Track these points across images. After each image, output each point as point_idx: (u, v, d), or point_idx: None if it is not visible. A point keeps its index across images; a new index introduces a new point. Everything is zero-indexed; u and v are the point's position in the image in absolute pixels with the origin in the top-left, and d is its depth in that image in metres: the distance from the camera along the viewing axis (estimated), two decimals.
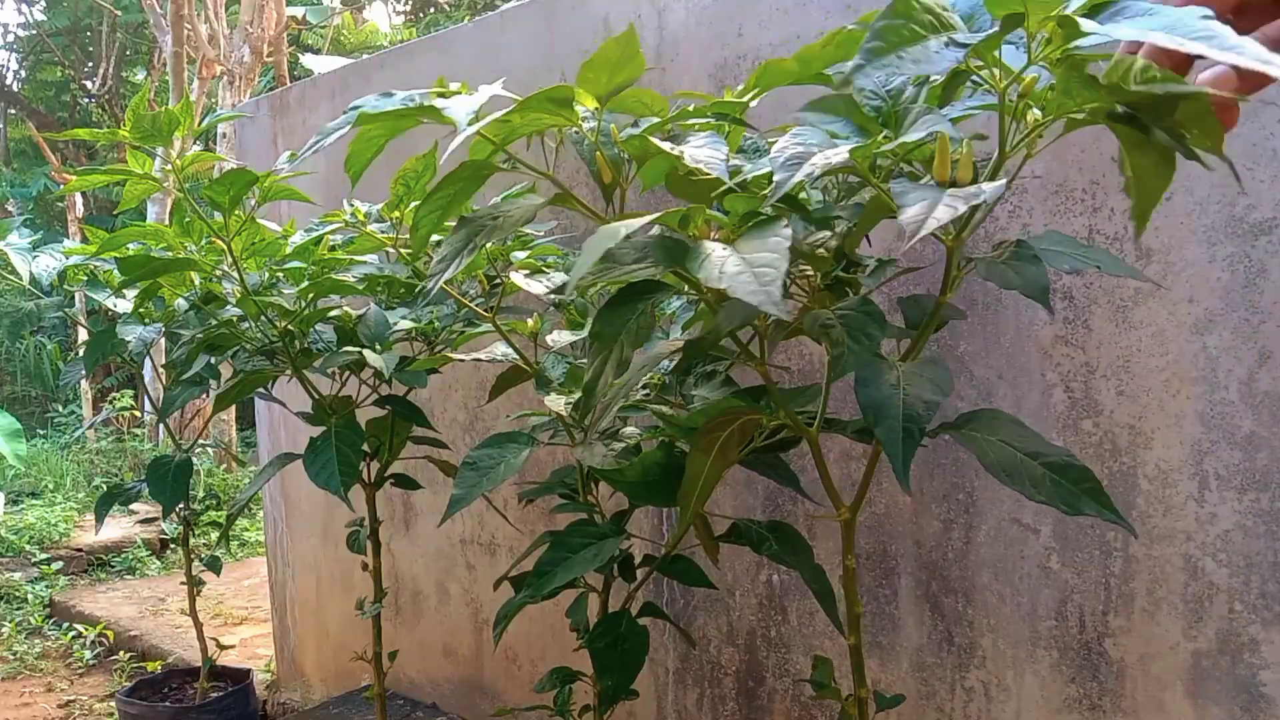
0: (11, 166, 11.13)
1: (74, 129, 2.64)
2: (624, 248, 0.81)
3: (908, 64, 0.58)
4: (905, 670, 1.53)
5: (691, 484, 0.93)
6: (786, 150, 0.70)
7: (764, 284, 0.65)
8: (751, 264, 0.68)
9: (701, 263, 0.71)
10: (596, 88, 0.82)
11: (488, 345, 1.36)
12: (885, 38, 0.59)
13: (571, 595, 1.33)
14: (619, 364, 0.79)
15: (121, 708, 2.51)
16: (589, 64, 0.80)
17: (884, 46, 0.59)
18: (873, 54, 0.58)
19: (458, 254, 0.85)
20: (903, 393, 0.77)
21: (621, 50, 0.79)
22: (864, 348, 0.76)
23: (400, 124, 0.87)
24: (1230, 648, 1.23)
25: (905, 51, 0.59)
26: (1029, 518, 1.39)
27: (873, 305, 0.81)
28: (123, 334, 1.69)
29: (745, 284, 0.66)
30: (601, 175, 0.88)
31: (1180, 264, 1.24)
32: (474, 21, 2.14)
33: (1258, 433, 1.19)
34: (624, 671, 1.15)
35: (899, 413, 0.75)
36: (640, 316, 0.80)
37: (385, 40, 10.61)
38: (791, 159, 0.69)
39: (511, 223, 0.87)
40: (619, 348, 0.79)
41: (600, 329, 0.81)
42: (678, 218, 0.79)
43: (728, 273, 0.68)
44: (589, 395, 0.81)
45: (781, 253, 0.68)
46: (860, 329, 0.78)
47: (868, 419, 0.76)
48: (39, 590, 4.38)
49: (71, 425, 8.13)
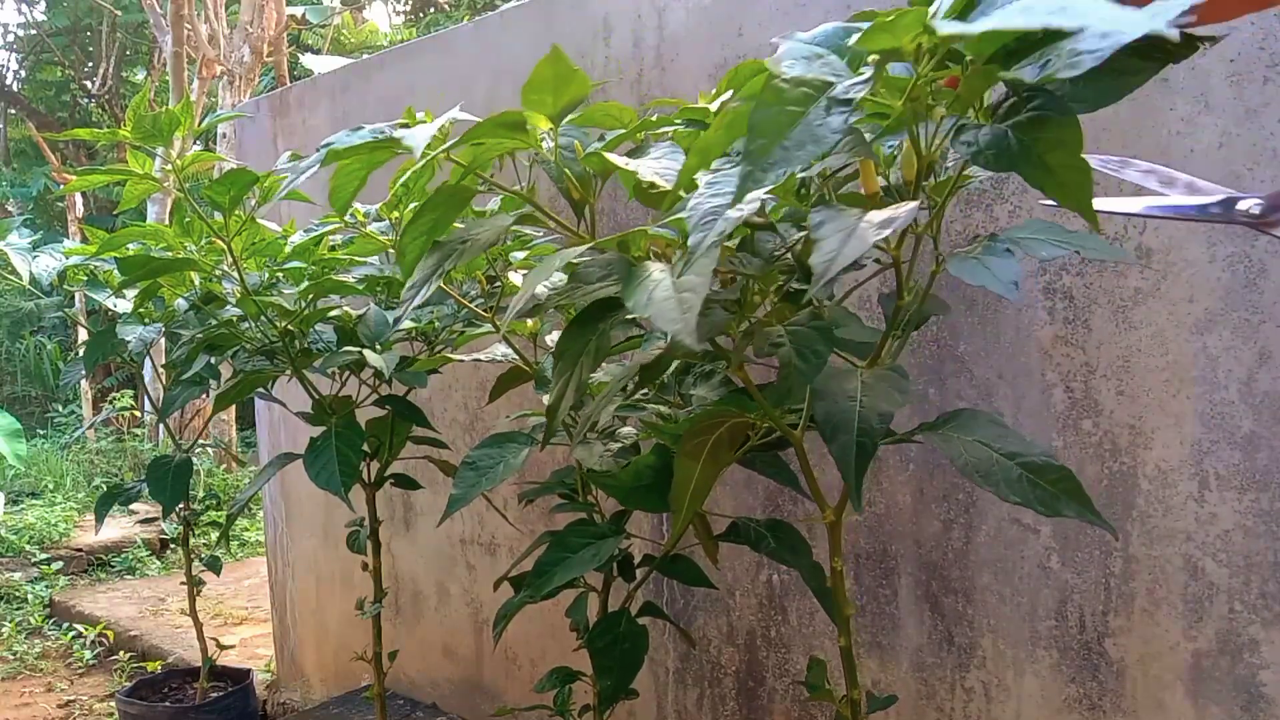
0: (11, 166, 11.13)
1: (74, 129, 2.64)
2: (590, 265, 0.81)
3: (795, 154, 0.56)
4: (905, 670, 1.53)
5: (681, 489, 0.92)
6: (701, 206, 0.67)
7: (684, 312, 0.65)
8: (679, 288, 0.67)
9: (635, 288, 0.70)
10: (544, 108, 0.83)
11: (487, 345, 1.36)
12: (764, 134, 0.57)
13: (571, 595, 1.33)
14: (579, 386, 0.79)
15: (121, 708, 2.51)
16: (528, 86, 0.81)
17: (766, 143, 0.57)
18: (756, 156, 0.56)
19: (426, 280, 0.86)
20: (859, 404, 0.76)
21: (555, 70, 0.80)
22: (811, 365, 0.75)
23: (375, 157, 0.89)
24: (1230, 648, 1.23)
25: (790, 136, 0.56)
26: (1029, 518, 1.39)
27: (820, 321, 0.79)
28: (123, 334, 1.69)
29: (667, 311, 0.65)
30: (570, 192, 0.88)
31: (1180, 264, 1.24)
32: (474, 21, 2.14)
33: (1258, 433, 1.19)
34: (624, 671, 1.15)
35: (854, 427, 0.74)
36: (600, 337, 0.80)
37: (385, 40, 10.61)
38: (706, 217, 0.66)
39: (480, 245, 0.87)
40: (579, 370, 0.79)
41: (563, 349, 0.82)
42: (615, 242, 0.80)
43: (655, 299, 0.68)
44: (552, 417, 0.81)
45: (705, 276, 0.68)
46: (808, 346, 0.76)
47: (824, 434, 0.75)
48: (39, 590, 4.38)
49: (71, 425, 8.13)
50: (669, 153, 0.82)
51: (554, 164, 0.87)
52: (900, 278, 0.81)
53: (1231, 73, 1.18)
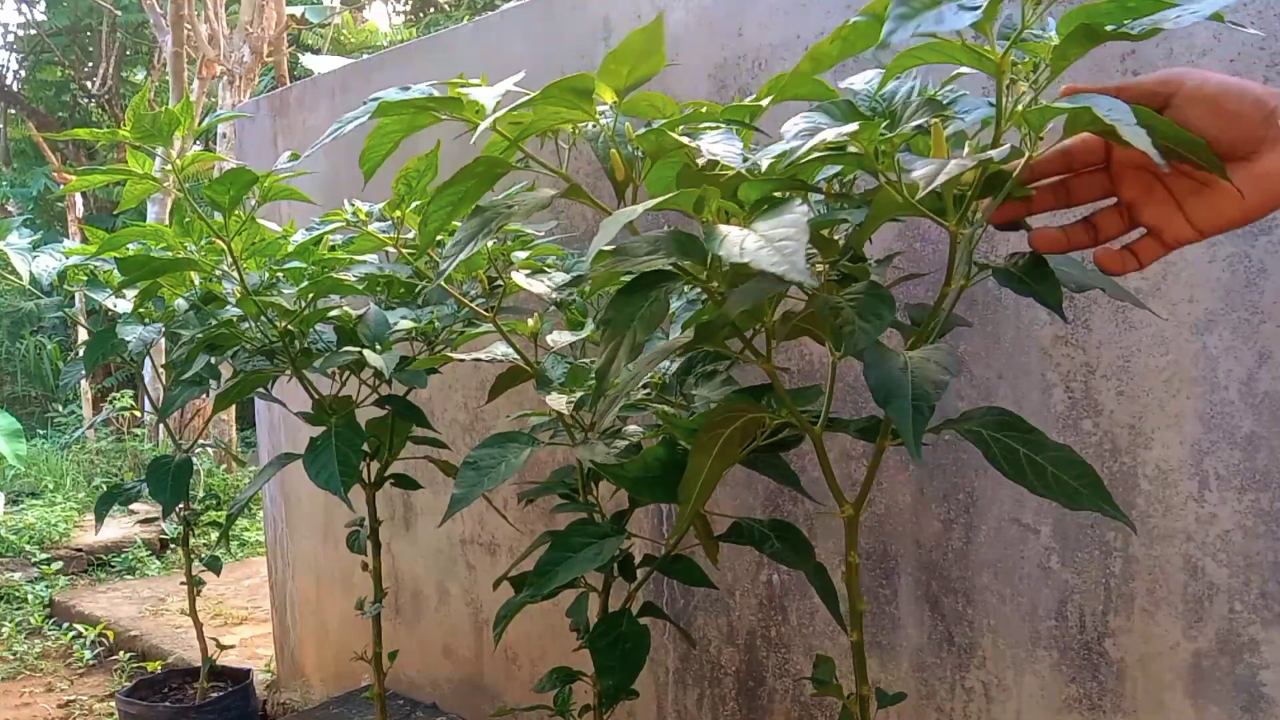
0: (11, 166, 11.13)
1: (74, 129, 2.64)
2: (635, 241, 0.81)
3: (930, 23, 0.62)
4: (905, 670, 1.53)
5: (692, 481, 0.93)
6: (798, 125, 0.74)
7: (786, 255, 0.66)
8: (771, 239, 0.69)
9: (721, 242, 0.71)
10: (616, 80, 0.83)
11: (488, 345, 1.36)
12: (909, 4, 0.63)
13: (571, 595, 1.33)
14: (632, 350, 0.79)
15: (121, 708, 2.51)
16: (613, 55, 0.81)
17: (909, 11, 0.63)
18: (901, 18, 0.62)
19: (472, 238, 0.86)
20: (911, 374, 0.78)
21: (646, 41, 0.80)
22: (874, 326, 0.77)
23: (418, 119, 0.88)
24: (1230, 648, 1.23)
25: (928, 14, 0.63)
26: (1029, 518, 1.39)
27: (882, 289, 0.81)
28: (123, 334, 1.69)
29: (768, 256, 0.67)
30: (615, 173, 0.88)
31: (1180, 264, 1.24)
32: (474, 21, 2.14)
33: (1258, 433, 1.20)
34: (624, 671, 1.15)
35: (908, 391, 0.76)
36: (653, 304, 0.81)
37: (385, 40, 10.61)
38: (804, 131, 0.72)
39: (526, 210, 0.88)
40: (631, 334, 0.79)
41: (612, 316, 0.81)
42: (693, 199, 0.80)
43: (748, 249, 0.68)
44: (601, 380, 0.81)
45: (800, 226, 0.69)
46: (870, 310, 0.78)
47: (878, 399, 0.77)
48: (39, 590, 4.38)
49: (71, 425, 8.13)
50: (725, 136, 0.82)
51: (605, 141, 0.87)
52: (953, 256, 0.82)
53: (1232, 73, 1.18)
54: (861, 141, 0.72)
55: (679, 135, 0.82)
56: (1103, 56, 1.26)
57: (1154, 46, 1.22)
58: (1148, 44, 1.22)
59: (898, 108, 0.79)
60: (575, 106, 0.82)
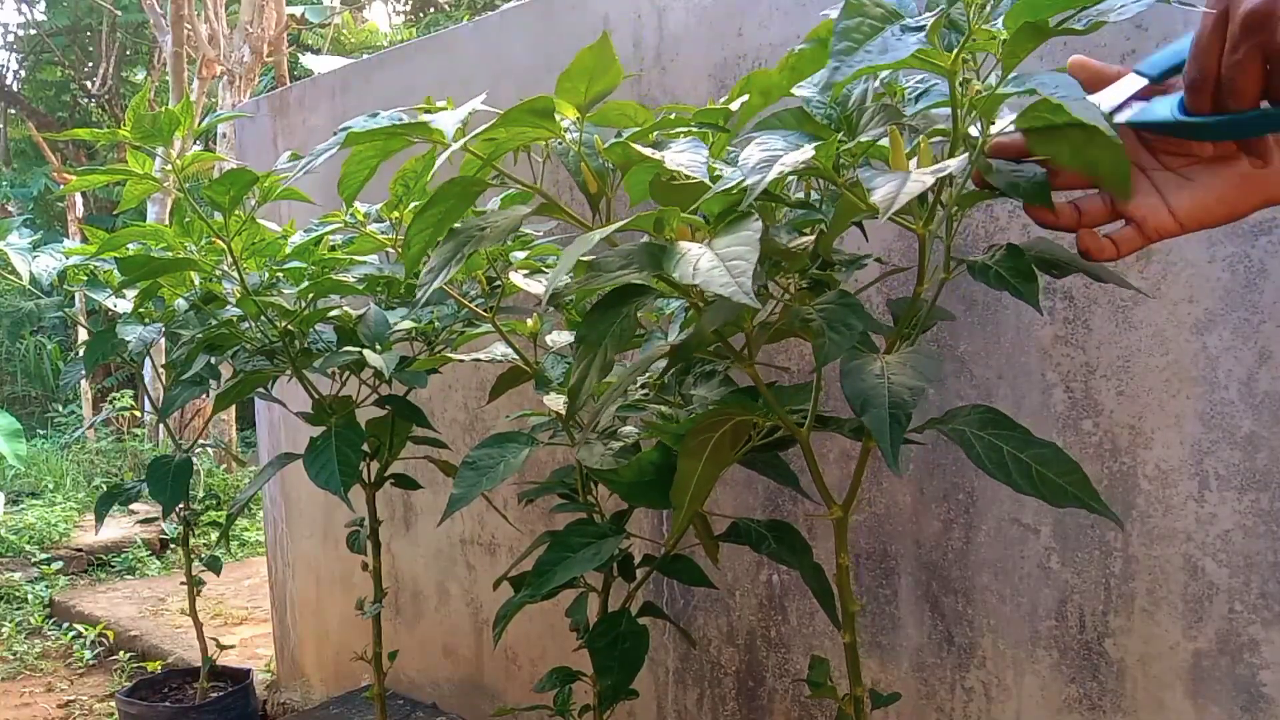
0: (11, 166, 11.13)
1: (74, 129, 2.64)
2: (609, 255, 0.81)
3: (875, 56, 0.61)
4: (905, 670, 1.53)
5: (682, 486, 0.93)
6: (754, 156, 0.72)
7: (735, 276, 0.66)
8: (724, 258, 0.69)
9: (677, 262, 0.72)
10: (575, 97, 0.83)
11: (487, 345, 1.36)
12: (850, 38, 0.62)
13: (571, 595, 1.33)
14: (602, 368, 0.80)
15: (121, 708, 2.51)
16: (566, 74, 0.81)
17: (851, 45, 0.62)
18: (843, 55, 0.62)
19: (445, 264, 0.86)
20: (887, 382, 0.77)
21: (598, 58, 0.80)
22: (844, 337, 0.77)
23: (390, 144, 0.89)
24: (1230, 648, 1.23)
25: (870, 45, 0.62)
26: (1029, 518, 1.39)
27: (851, 297, 0.81)
28: (123, 334, 1.69)
29: (718, 278, 0.67)
30: (587, 185, 0.88)
31: (1180, 264, 1.24)
32: (474, 21, 2.14)
33: (1258, 433, 1.19)
34: (624, 671, 1.15)
35: (885, 400, 0.76)
36: (624, 320, 0.81)
37: (385, 40, 10.61)
38: (760, 163, 0.70)
39: (499, 232, 0.88)
40: (602, 351, 0.80)
41: (585, 333, 0.82)
42: (652, 220, 0.80)
43: (700, 269, 0.69)
44: (574, 398, 0.82)
45: (752, 245, 0.69)
46: (840, 320, 0.79)
47: (854, 408, 0.77)
48: (39, 590, 4.38)
49: (71, 425, 8.13)
50: (691, 146, 0.83)
51: (575, 155, 0.88)
52: (923, 259, 0.81)
53: None
54: (820, 160, 0.72)
55: (643, 148, 0.83)
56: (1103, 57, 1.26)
57: (1152, 45, 1.22)
58: (1147, 41, 1.22)
59: (853, 112, 0.79)
60: (539, 126, 0.83)
